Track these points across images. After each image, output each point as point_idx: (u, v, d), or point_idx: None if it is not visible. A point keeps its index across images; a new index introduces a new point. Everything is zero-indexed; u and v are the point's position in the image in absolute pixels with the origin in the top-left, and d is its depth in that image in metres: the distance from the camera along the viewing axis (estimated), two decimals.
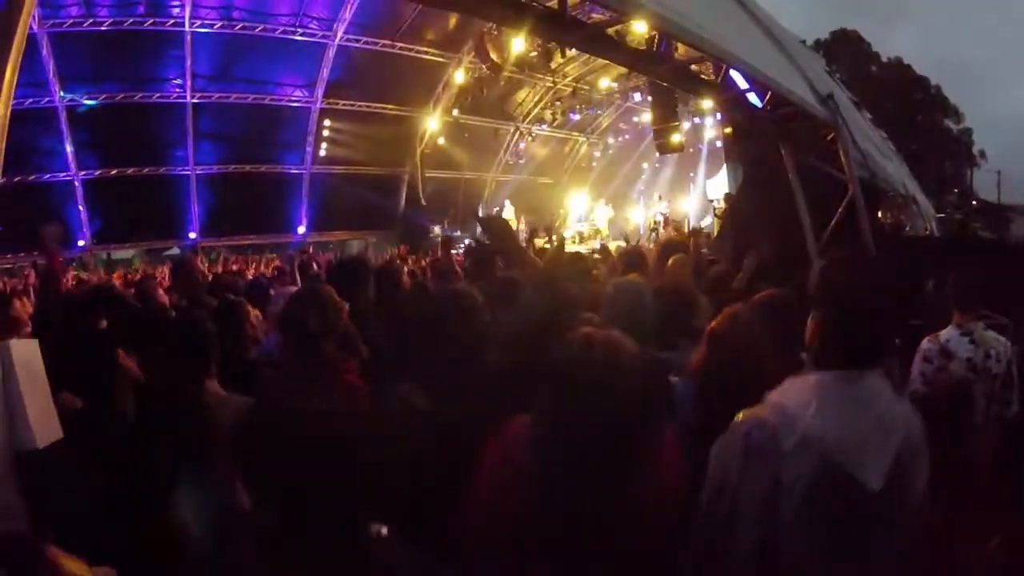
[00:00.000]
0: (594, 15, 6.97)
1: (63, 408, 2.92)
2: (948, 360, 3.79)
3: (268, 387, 3.10)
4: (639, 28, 6.79)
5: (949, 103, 44.36)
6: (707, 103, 15.90)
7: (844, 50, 43.50)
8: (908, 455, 1.76)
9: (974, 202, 30.80)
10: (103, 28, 16.05)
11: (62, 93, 17.01)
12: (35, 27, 15.06)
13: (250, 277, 9.15)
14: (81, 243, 19.25)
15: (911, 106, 41.47)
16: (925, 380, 3.79)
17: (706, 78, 8.16)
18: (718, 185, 20.38)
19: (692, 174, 26.34)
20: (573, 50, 16.52)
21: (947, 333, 3.90)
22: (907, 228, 11.69)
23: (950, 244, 11.48)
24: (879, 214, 10.24)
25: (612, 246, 18.22)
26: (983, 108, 50.57)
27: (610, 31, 6.18)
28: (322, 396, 2.01)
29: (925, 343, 3.93)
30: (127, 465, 2.73)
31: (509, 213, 23.18)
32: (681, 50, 6.82)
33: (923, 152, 35.74)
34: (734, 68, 6.70)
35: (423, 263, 12.89)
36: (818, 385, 1.79)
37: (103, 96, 17.71)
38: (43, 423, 2.82)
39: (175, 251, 22.35)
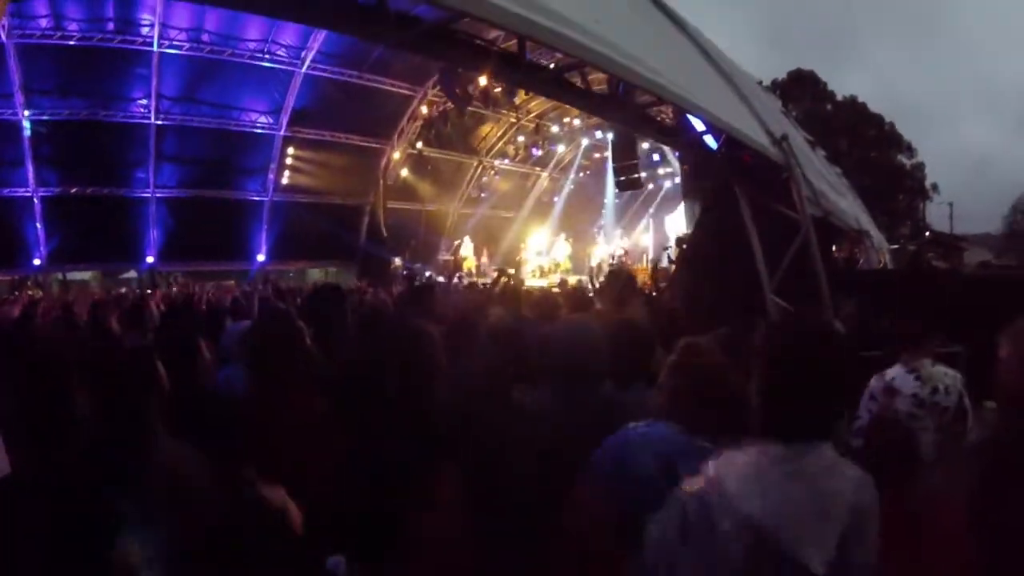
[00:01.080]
0: (556, 56, 7.12)
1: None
2: (893, 398, 3.81)
3: None
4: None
5: (902, 139, 45.84)
6: None
7: (800, 89, 44.97)
8: (856, 530, 1.69)
9: (927, 233, 31.75)
10: (71, 43, 15.92)
11: (26, 111, 16.81)
12: (3, 37, 14.92)
13: (203, 307, 9.07)
14: (37, 262, 18.86)
15: (865, 143, 42.99)
16: (871, 418, 3.83)
17: (664, 121, 8.38)
18: (676, 220, 20.79)
19: (651, 210, 26.82)
20: None
21: (893, 371, 3.93)
22: (861, 262, 12.00)
23: (903, 275, 11.74)
24: (833, 249, 10.50)
25: (572, 280, 18.44)
26: (934, 143, 52.68)
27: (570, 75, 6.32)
28: None
29: (873, 381, 3.96)
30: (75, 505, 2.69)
31: (468, 248, 23.30)
32: (640, 94, 6.99)
33: (877, 187, 36.72)
34: (691, 114, 6.91)
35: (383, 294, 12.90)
36: (759, 461, 1.72)
37: (67, 112, 17.46)
38: None
39: (132, 275, 22.00)
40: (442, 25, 4.53)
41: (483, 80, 12.53)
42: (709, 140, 7.84)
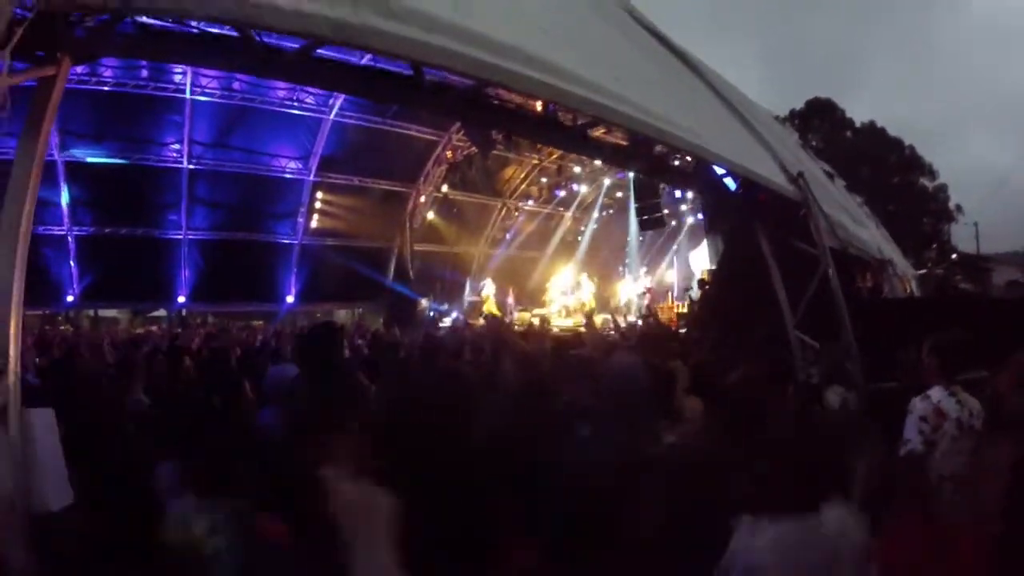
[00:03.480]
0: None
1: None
2: (943, 420, 3.84)
3: None
4: None
5: (923, 162, 45.12)
6: None
7: (819, 118, 44.84)
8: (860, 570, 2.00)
9: (954, 256, 31.16)
10: (106, 88, 16.39)
11: (63, 150, 17.29)
12: None
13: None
14: (70, 299, 19.33)
15: (886, 168, 42.33)
16: (924, 440, 3.83)
17: (684, 168, 8.57)
18: (701, 256, 20.81)
19: (675, 247, 26.86)
20: None
21: (937, 394, 3.94)
22: (885, 291, 11.94)
23: (929, 302, 11.64)
24: (857, 280, 10.49)
25: (598, 319, 18.52)
26: (950, 163, 51.82)
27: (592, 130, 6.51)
28: None
29: (919, 403, 3.95)
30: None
31: (490, 289, 23.49)
32: (659, 144, 7.18)
33: (901, 212, 36.35)
34: (711, 162, 7.11)
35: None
36: (787, 534, 2.00)
37: (101, 154, 17.99)
38: (57, 488, 3.00)
39: (162, 313, 22.41)
40: (472, 91, 4.77)
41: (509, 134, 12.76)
42: (728, 182, 8.01)
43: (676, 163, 8.22)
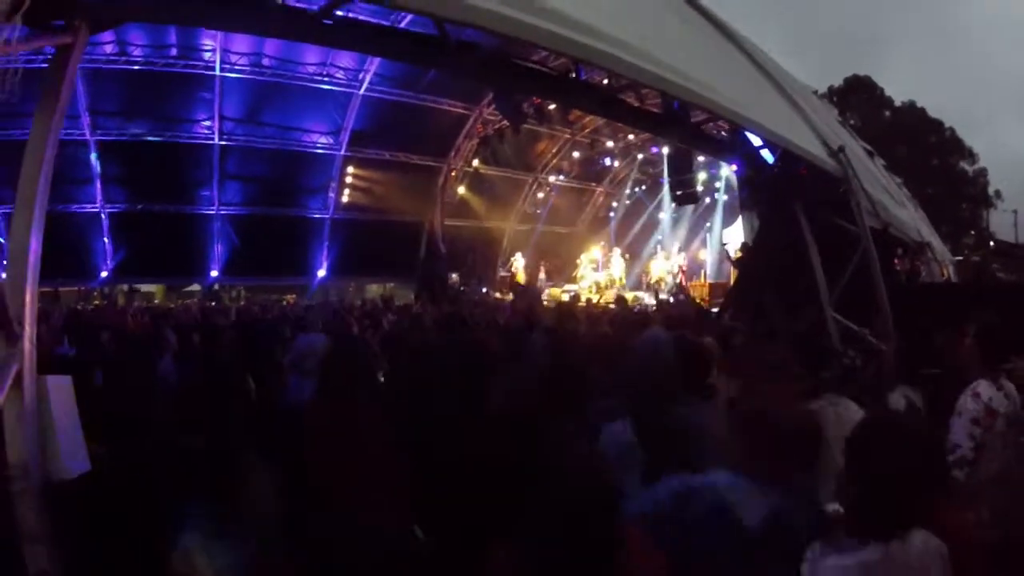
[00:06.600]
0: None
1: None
2: (993, 419, 3.59)
3: None
4: None
5: (963, 144, 44.30)
6: None
7: (858, 96, 43.99)
8: None
9: (991, 243, 30.47)
10: (136, 67, 16.57)
11: (94, 129, 17.58)
12: None
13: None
14: (104, 274, 19.72)
15: (926, 149, 41.63)
16: (975, 445, 3.57)
17: (720, 136, 8.34)
18: (735, 234, 20.50)
19: (708, 223, 26.48)
20: None
21: (986, 390, 3.68)
22: (923, 275, 11.64)
23: (967, 289, 11.36)
24: (895, 262, 10.24)
25: (629, 296, 18.36)
26: (989, 147, 50.35)
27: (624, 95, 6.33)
28: None
29: (969, 403, 3.67)
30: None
31: (519, 264, 23.39)
32: (694, 111, 6.96)
33: (939, 195, 35.67)
34: (747, 129, 6.87)
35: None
36: (855, 565, 1.81)
37: (132, 133, 18.26)
38: (73, 455, 2.98)
39: (195, 287, 22.74)
40: (498, 51, 4.64)
41: (537, 98, 12.67)
42: (766, 154, 7.77)
43: (713, 132, 8.00)
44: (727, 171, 22.18)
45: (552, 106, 17.16)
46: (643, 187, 27.31)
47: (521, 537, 1.90)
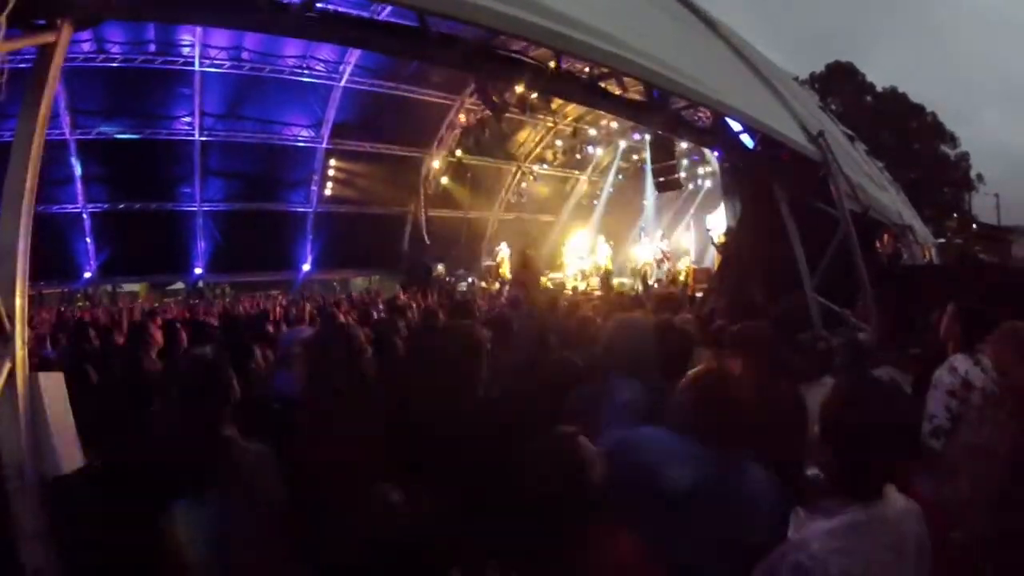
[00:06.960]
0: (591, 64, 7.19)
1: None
2: (969, 392, 3.69)
3: None
4: None
5: (945, 129, 44.79)
6: None
7: (839, 82, 44.24)
8: (921, 559, 1.90)
9: (974, 225, 30.85)
10: (115, 64, 16.39)
11: (74, 128, 17.43)
12: None
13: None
14: (87, 275, 19.58)
15: (908, 134, 42.04)
16: (951, 416, 3.67)
17: (701, 123, 8.38)
18: (718, 220, 20.63)
19: (691, 209, 26.61)
20: None
21: (961, 363, 3.80)
22: (904, 257, 11.78)
23: (949, 270, 11.51)
24: (876, 245, 10.36)
25: (615, 282, 18.43)
26: (970, 131, 50.80)
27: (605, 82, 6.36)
28: None
29: (946, 376, 3.79)
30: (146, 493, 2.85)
31: (505, 253, 23.44)
32: (675, 98, 7.00)
33: (921, 179, 35.98)
34: (728, 117, 6.92)
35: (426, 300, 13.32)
36: (844, 527, 1.83)
37: (113, 131, 18.09)
38: (67, 453, 3.00)
39: (180, 286, 22.62)
40: (480, 42, 4.66)
41: (519, 87, 12.69)
42: (746, 139, 7.83)
43: (694, 119, 8.05)
44: (710, 157, 22.29)
45: (534, 95, 17.15)
46: (626, 174, 27.36)
47: (499, 515, 1.95)
